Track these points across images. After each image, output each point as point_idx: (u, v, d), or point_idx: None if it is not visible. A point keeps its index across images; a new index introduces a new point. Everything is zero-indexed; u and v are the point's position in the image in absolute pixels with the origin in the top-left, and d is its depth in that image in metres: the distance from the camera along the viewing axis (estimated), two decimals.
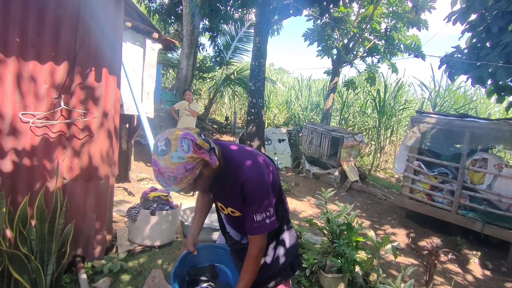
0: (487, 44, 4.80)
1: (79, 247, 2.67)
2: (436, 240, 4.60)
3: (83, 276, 2.46)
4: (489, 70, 4.40)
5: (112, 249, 3.07)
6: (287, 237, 1.60)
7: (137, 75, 4.86)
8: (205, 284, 1.61)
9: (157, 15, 12.22)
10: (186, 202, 4.58)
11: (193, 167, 1.20)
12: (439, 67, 5.35)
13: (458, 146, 5.84)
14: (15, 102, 2.23)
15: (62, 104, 2.41)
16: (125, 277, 2.65)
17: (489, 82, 4.80)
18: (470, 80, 4.95)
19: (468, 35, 5.06)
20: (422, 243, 4.63)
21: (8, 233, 2.13)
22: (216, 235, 3.47)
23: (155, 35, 5.01)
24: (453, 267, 4.06)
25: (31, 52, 2.26)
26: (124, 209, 3.65)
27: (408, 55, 9.25)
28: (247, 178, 1.33)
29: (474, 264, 4.20)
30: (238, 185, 1.35)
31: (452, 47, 5.31)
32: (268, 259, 1.55)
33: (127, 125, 5.39)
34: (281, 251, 1.56)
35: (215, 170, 1.32)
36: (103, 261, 2.73)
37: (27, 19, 2.23)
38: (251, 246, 1.42)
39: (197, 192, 1.71)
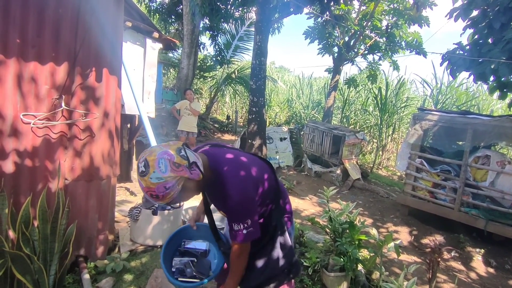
0: (489, 40, 4.77)
1: (82, 247, 2.67)
2: (439, 238, 4.59)
3: (86, 276, 2.46)
4: (492, 67, 4.37)
5: (115, 249, 3.07)
6: (281, 242, 1.62)
7: (138, 75, 4.86)
8: (186, 259, 1.71)
9: (157, 14, 12.23)
10: (188, 201, 4.59)
11: (173, 184, 1.26)
12: (441, 64, 5.32)
13: (460, 143, 5.81)
14: (16, 103, 2.23)
15: (63, 104, 2.41)
16: (128, 277, 2.66)
17: (492, 78, 4.77)
18: (472, 76, 4.92)
19: (470, 31, 5.03)
20: (425, 240, 4.62)
21: (11, 234, 2.13)
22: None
23: (156, 34, 5.01)
24: (456, 265, 4.04)
25: (32, 53, 2.26)
26: (126, 209, 3.65)
27: (410, 52, 9.21)
28: (229, 195, 1.39)
29: (478, 262, 4.19)
30: (222, 197, 1.43)
31: (453, 43, 5.28)
32: (260, 263, 1.59)
33: (129, 125, 5.39)
34: (275, 255, 1.60)
35: (201, 181, 1.38)
36: (105, 261, 2.74)
37: (27, 19, 2.23)
38: (232, 249, 1.51)
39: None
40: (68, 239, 2.33)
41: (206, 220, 1.82)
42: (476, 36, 4.92)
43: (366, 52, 10.11)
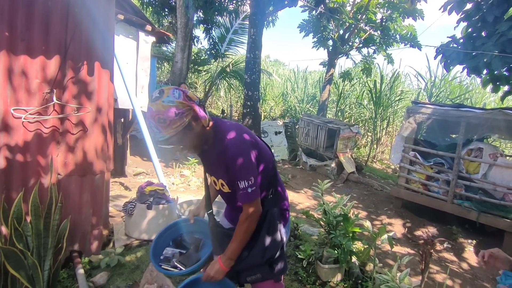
0: (483, 33, 4.79)
1: (76, 242, 2.66)
2: (432, 230, 4.65)
3: (81, 271, 2.46)
4: (485, 60, 4.40)
5: (109, 244, 3.07)
6: (269, 232, 1.56)
7: (131, 69, 4.81)
8: (176, 250, 1.75)
9: (150, 7, 12.04)
10: (183, 196, 4.58)
11: (182, 112, 1.30)
12: (435, 58, 5.34)
13: (453, 136, 5.87)
14: (7, 98, 2.20)
15: (54, 99, 2.38)
16: (123, 271, 2.66)
17: (485, 72, 4.81)
18: (466, 70, 4.95)
19: (463, 24, 5.05)
20: (418, 232, 4.68)
21: (4, 229, 2.12)
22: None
23: (148, 27, 4.95)
24: (449, 256, 4.11)
25: (21, 46, 2.22)
26: (120, 204, 3.64)
27: (404, 46, 9.23)
28: (228, 143, 1.41)
29: (469, 252, 4.26)
30: (222, 151, 1.42)
31: (447, 37, 5.30)
32: (245, 248, 1.54)
33: (122, 120, 5.34)
34: (259, 243, 1.53)
35: (203, 135, 1.41)
36: (100, 256, 2.73)
37: (15, 12, 2.19)
38: (242, 215, 1.48)
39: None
40: (62, 234, 2.31)
41: (206, 217, 1.81)
42: (469, 29, 4.94)
43: (361, 45, 10.11)
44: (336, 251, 2.70)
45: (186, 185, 5.52)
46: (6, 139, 2.22)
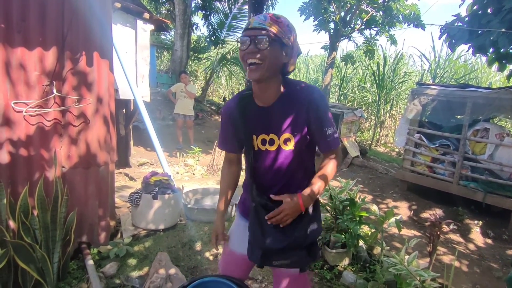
0: (489, 10, 4.65)
1: (84, 234, 2.68)
2: (438, 211, 4.65)
3: (90, 262, 2.48)
4: (491, 38, 4.28)
5: (117, 235, 3.09)
6: (315, 208, 1.37)
7: (130, 58, 4.74)
8: None
9: None
10: (188, 185, 4.59)
11: (290, 31, 1.26)
12: (440, 37, 5.21)
13: (459, 117, 5.79)
14: (6, 91, 2.17)
15: (54, 91, 2.34)
16: (132, 261, 2.68)
17: (491, 50, 4.69)
18: (471, 49, 4.84)
19: (469, 1, 4.90)
20: (424, 215, 4.68)
21: (11, 223, 2.12)
22: None
23: (146, 15, 4.85)
24: (455, 237, 4.11)
25: (18, 38, 2.17)
26: (126, 195, 3.65)
27: (408, 26, 9.02)
28: (311, 86, 1.33)
29: (476, 233, 4.26)
30: (303, 99, 1.30)
31: (452, 15, 5.15)
32: (291, 225, 1.30)
33: (124, 110, 5.31)
34: (305, 222, 1.32)
35: (282, 70, 1.30)
36: (108, 246, 2.75)
37: (9, 2, 2.13)
38: (328, 159, 1.37)
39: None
40: (69, 226, 2.32)
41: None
42: (475, 7, 4.79)
43: (363, 27, 9.88)
44: (343, 236, 2.70)
45: (191, 174, 5.52)
46: (8, 133, 2.20)
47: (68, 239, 2.32)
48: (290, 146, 1.34)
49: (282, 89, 1.33)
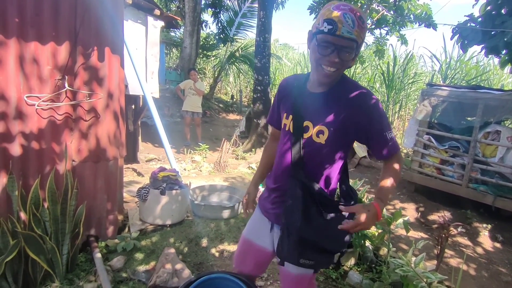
0: (503, 11, 4.57)
1: (92, 227, 2.71)
2: (446, 214, 4.60)
3: (98, 255, 2.51)
4: (505, 39, 4.20)
5: (125, 229, 3.12)
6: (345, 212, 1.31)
7: (140, 55, 4.78)
8: None
9: None
10: (195, 181, 4.61)
11: (364, 28, 1.20)
12: (451, 38, 5.13)
13: (470, 119, 5.70)
14: (19, 85, 2.20)
15: (66, 85, 2.38)
16: (139, 255, 2.71)
17: (504, 51, 4.60)
18: (484, 50, 4.75)
19: (482, 2, 4.82)
20: (432, 217, 4.63)
21: (22, 215, 2.16)
22: (226, 213, 3.50)
23: (157, 11, 4.88)
24: (463, 240, 4.06)
25: (31, 33, 2.21)
26: (134, 190, 3.69)
27: (419, 26, 8.90)
28: (367, 92, 1.28)
29: (484, 237, 4.20)
30: (352, 100, 1.26)
31: (465, 15, 5.06)
32: (321, 229, 1.27)
33: (133, 106, 5.36)
34: (334, 224, 1.25)
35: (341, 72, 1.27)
36: (116, 240, 2.79)
37: None
38: (392, 164, 1.33)
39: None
40: (78, 219, 2.36)
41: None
42: (488, 7, 4.71)
43: (373, 26, 9.78)
44: None
45: (198, 170, 5.55)
46: (21, 126, 2.24)
47: (77, 232, 2.35)
48: (321, 140, 1.30)
49: (337, 81, 1.31)
